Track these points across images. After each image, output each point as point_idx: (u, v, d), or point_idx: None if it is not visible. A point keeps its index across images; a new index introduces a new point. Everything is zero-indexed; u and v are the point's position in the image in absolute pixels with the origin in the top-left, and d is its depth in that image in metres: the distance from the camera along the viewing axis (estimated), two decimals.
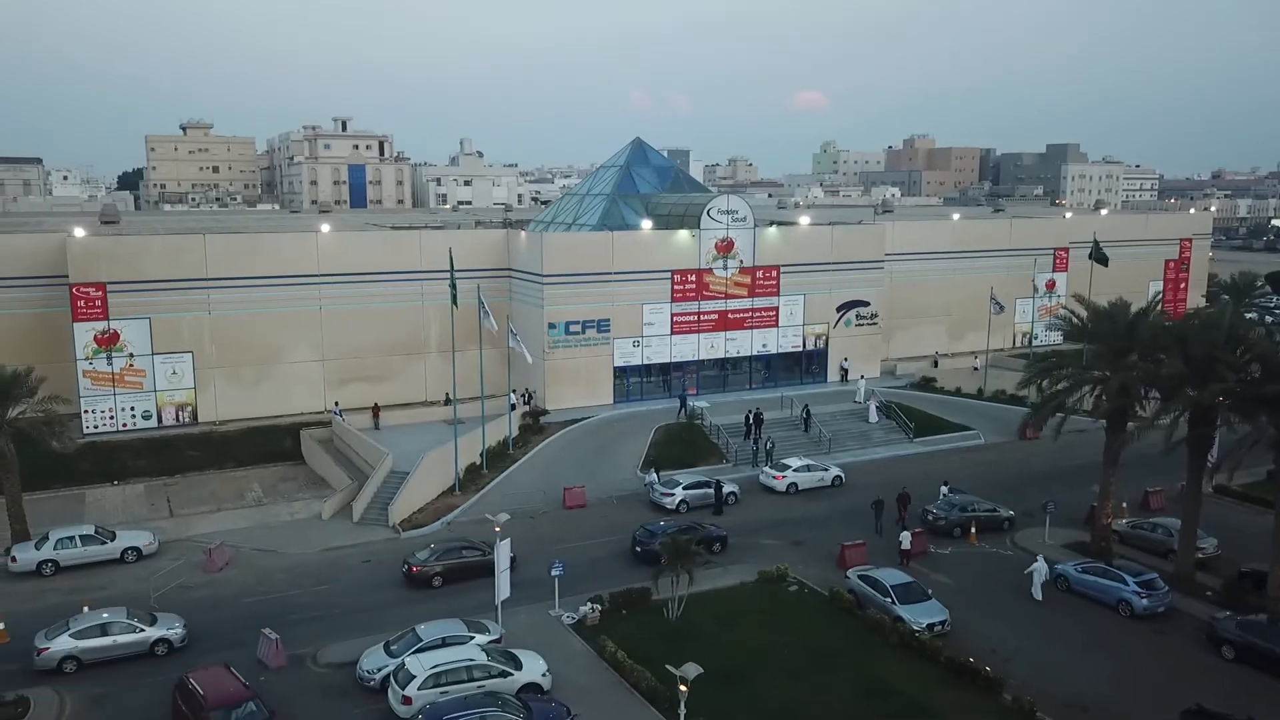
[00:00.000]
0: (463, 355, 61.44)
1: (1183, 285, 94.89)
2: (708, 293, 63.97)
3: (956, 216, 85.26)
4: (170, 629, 33.57)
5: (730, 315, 65.04)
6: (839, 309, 68.84)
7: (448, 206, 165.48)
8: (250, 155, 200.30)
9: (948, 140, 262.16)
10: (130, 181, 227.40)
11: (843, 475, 51.90)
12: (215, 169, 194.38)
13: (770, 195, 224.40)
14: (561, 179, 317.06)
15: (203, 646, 34.06)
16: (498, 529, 34.34)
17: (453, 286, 50.50)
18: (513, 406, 58.30)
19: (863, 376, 64.19)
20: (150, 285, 55.16)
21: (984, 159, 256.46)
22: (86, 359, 54.38)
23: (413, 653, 30.76)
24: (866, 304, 69.77)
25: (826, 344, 68.91)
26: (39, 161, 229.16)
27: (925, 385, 68.65)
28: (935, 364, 73.13)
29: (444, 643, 31.47)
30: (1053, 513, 43.16)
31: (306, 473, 54.12)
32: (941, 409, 63.61)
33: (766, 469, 51.61)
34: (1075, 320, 42.15)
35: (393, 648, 31.67)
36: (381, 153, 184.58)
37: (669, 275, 62.68)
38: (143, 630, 33.08)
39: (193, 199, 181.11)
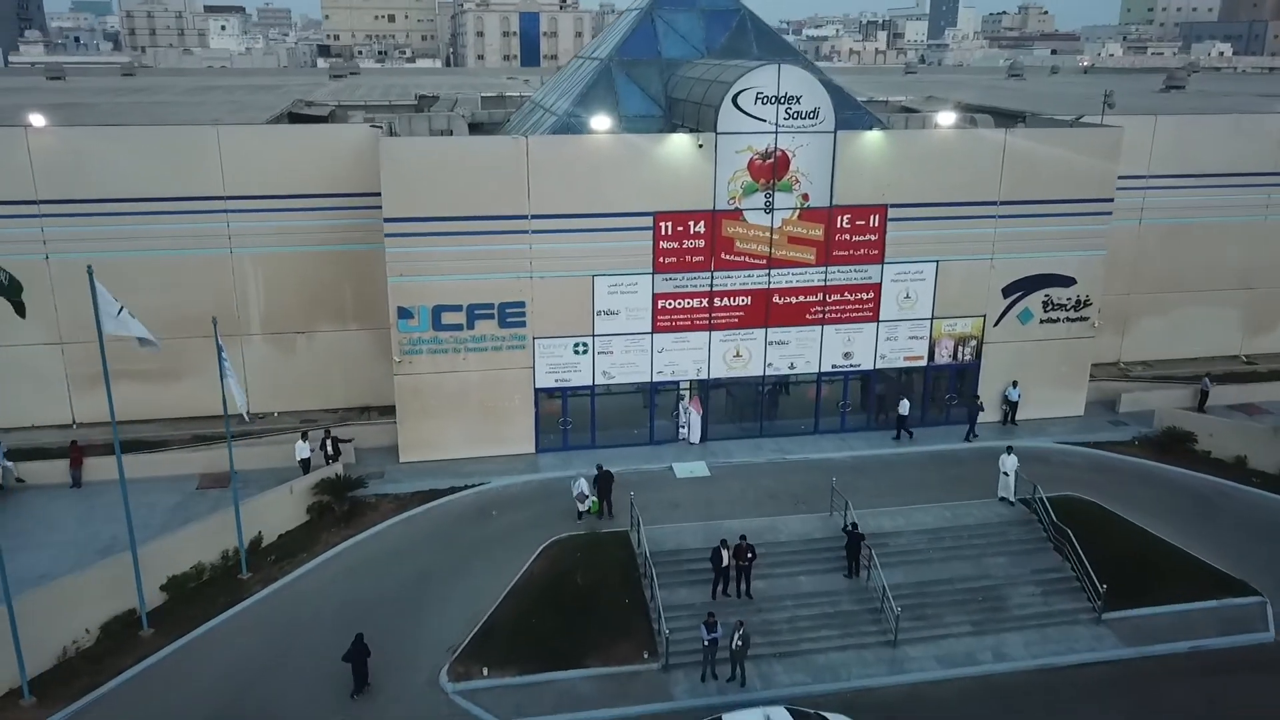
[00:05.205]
0: (310, 339, 36.51)
1: None
2: (731, 255, 33.67)
3: None
4: None
5: (778, 299, 34.53)
6: (1009, 290, 36.18)
7: None
8: (428, 2, 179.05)
9: None
10: None
11: None
12: (390, 18, 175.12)
13: (1054, 52, 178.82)
14: (810, 30, 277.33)
15: None
16: None
17: None
18: (303, 461, 31.93)
19: (1010, 449, 31.53)
20: None
21: None
22: None
23: None
24: (1069, 281, 36.50)
25: (979, 355, 36.74)
26: (241, 10, 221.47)
27: (1170, 445, 35.22)
28: (1202, 398, 38.73)
29: None
30: None
31: None
32: (1189, 523, 30.73)
33: None
34: None
35: None
36: None
37: (649, 222, 32.91)
38: None
39: (359, 51, 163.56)
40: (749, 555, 26.57)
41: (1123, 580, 27.65)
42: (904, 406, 35.45)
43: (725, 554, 26.47)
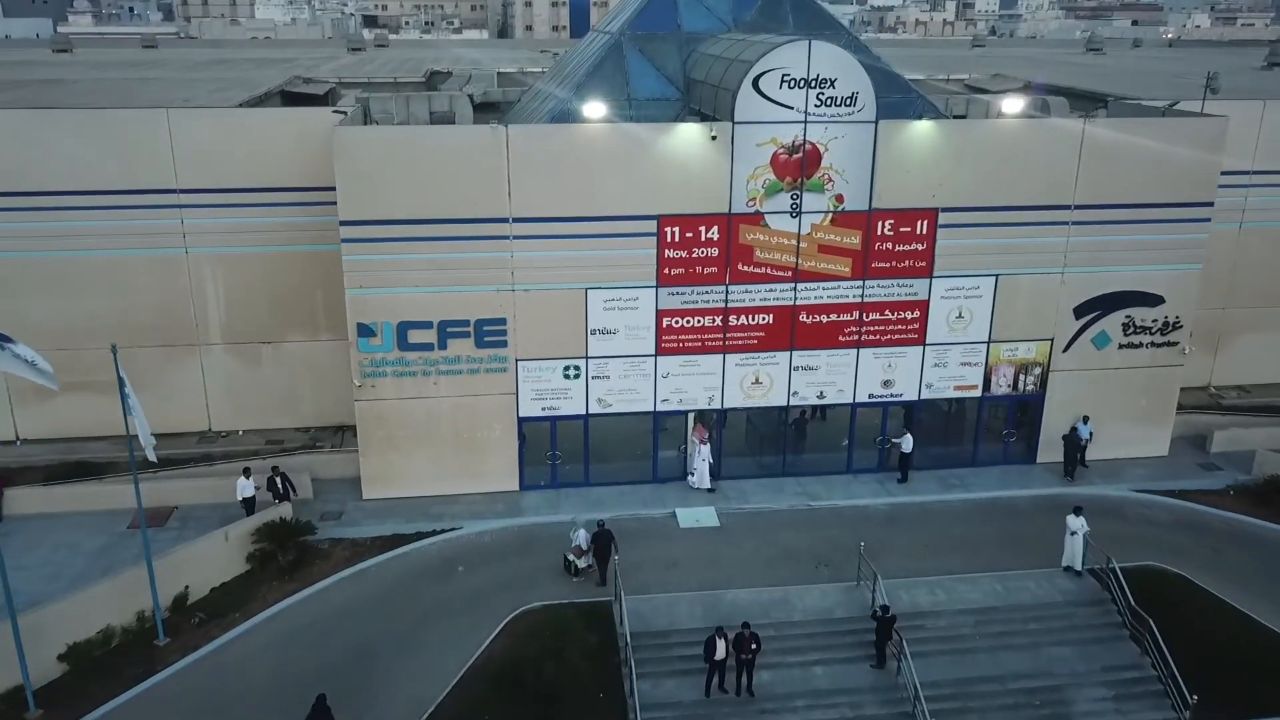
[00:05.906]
0: (277, 350, 32.50)
1: None
2: (750, 266, 28.65)
3: None
4: None
5: (806, 317, 29.44)
6: (1082, 310, 30.60)
7: None
8: None
9: None
10: None
11: None
12: None
13: (1135, 23, 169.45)
14: (875, 0, 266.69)
15: None
16: None
17: None
18: (247, 501, 27.78)
19: (1078, 510, 26.06)
20: None
21: None
22: None
23: None
24: (1156, 300, 30.80)
25: (1043, 385, 31.26)
26: None
27: (1273, 497, 29.47)
28: None
29: None
30: None
31: None
32: None
33: None
34: None
35: None
36: None
37: (653, 227, 28.00)
38: None
39: (405, 22, 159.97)
40: (753, 646, 21.78)
41: (1218, 681, 22.38)
42: (907, 443, 30.14)
43: (722, 644, 21.73)
